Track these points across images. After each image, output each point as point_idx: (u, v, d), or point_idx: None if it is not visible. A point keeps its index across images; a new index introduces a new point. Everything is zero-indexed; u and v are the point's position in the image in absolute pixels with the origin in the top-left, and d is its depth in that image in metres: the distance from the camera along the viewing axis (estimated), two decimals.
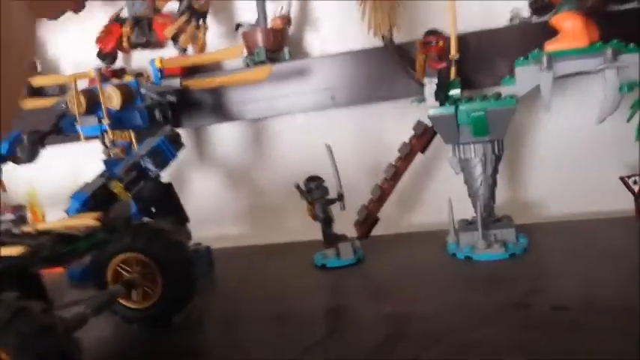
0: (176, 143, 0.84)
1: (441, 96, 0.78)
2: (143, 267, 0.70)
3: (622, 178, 0.81)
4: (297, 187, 0.84)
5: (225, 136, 1.08)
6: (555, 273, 0.71)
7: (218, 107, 1.00)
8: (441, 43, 0.77)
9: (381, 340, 0.60)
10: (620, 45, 0.70)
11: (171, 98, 0.89)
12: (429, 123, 0.83)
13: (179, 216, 0.90)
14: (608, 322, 0.57)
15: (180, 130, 0.87)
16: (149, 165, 0.80)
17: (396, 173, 0.83)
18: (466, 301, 0.66)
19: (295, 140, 1.04)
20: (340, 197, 0.85)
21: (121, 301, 0.69)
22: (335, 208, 0.85)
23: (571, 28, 0.73)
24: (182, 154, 0.85)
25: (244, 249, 1.00)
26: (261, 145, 1.07)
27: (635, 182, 0.81)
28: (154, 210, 0.87)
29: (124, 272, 0.70)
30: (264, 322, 0.69)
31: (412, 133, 0.85)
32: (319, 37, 1.02)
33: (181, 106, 0.98)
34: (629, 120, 0.73)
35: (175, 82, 0.92)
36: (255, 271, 0.89)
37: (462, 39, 0.86)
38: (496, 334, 0.58)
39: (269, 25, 0.97)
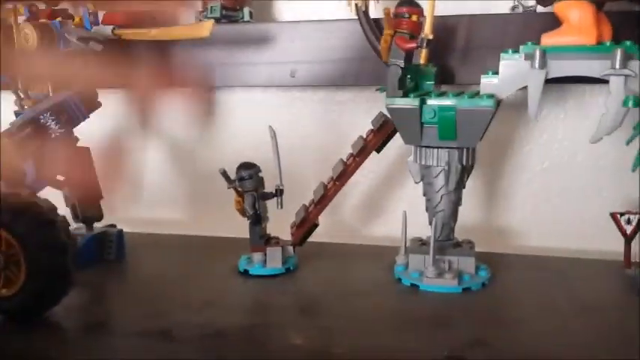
0: (89, 102, 0.71)
1: (406, 84, 0.63)
2: (7, 247, 0.57)
3: (612, 215, 0.67)
4: (223, 173, 0.69)
5: (171, 104, 0.93)
6: (512, 320, 0.57)
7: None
8: (414, 18, 0.62)
9: None
10: (634, 47, 0.55)
11: (96, 47, 0.75)
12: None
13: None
14: None
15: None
16: (50, 123, 0.67)
17: (343, 173, 0.69)
18: (398, 342, 0.53)
19: (245, 119, 0.90)
20: (278, 192, 0.71)
21: None
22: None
23: (578, 19, 0.58)
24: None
25: (174, 238, 0.87)
26: (209, 121, 0.92)
27: (628, 221, 0.66)
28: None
29: None
30: (141, 339, 0.54)
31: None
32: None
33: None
34: (628, 143, 0.58)
35: (107, 30, 0.78)
36: (171, 266, 0.76)
37: (448, 22, 0.72)
38: None
39: None
